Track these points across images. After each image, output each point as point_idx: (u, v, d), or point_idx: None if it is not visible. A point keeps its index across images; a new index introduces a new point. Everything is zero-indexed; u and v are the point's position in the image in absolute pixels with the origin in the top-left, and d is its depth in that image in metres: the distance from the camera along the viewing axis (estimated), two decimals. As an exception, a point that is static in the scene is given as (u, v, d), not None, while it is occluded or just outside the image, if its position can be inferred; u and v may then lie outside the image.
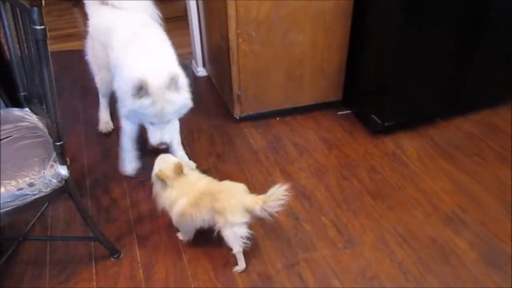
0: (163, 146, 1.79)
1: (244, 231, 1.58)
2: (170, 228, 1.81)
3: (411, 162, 2.13)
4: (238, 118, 2.45)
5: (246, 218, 1.57)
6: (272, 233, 1.78)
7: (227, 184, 1.67)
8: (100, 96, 2.39)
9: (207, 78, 2.92)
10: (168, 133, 1.75)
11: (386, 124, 2.26)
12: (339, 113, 2.51)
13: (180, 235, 1.77)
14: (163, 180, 1.59)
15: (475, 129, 2.35)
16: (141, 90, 1.58)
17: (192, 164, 2.11)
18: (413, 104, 2.28)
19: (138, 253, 1.72)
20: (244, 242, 1.59)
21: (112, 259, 1.70)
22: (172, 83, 1.62)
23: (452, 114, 2.43)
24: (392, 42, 2.07)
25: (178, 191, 1.60)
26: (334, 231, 1.78)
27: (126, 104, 1.68)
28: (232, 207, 1.55)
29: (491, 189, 1.96)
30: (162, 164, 1.63)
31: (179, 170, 1.61)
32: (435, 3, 1.94)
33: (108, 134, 2.39)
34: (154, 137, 1.74)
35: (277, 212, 1.58)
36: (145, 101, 1.60)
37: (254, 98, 2.38)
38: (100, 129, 2.39)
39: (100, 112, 2.43)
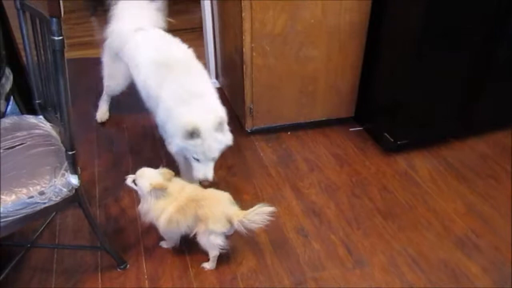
0: (206, 183, 1.83)
1: (219, 241, 1.59)
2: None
3: (423, 182, 2.10)
4: (249, 131, 2.44)
5: (225, 228, 1.57)
6: (280, 250, 1.76)
7: (212, 192, 1.68)
8: (104, 93, 2.51)
9: (220, 90, 2.92)
10: (211, 170, 1.81)
11: (398, 142, 2.24)
12: (351, 129, 2.49)
13: (164, 244, 1.77)
14: (160, 190, 1.58)
15: (489, 150, 2.31)
16: (193, 134, 1.68)
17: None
18: (426, 123, 2.26)
19: (144, 265, 1.71)
20: (221, 248, 1.61)
21: (119, 269, 1.69)
22: (220, 126, 1.74)
23: (465, 134, 2.40)
24: (406, 60, 2.05)
25: (166, 199, 1.60)
26: (343, 250, 1.76)
27: (177, 142, 1.77)
28: (215, 215, 1.56)
29: (505, 213, 1.92)
30: (148, 176, 1.61)
31: (169, 176, 1.62)
32: (450, 23, 1.93)
33: (103, 124, 2.57)
34: (199, 173, 1.80)
35: (256, 229, 1.61)
36: (196, 141, 1.70)
37: (266, 111, 2.37)
38: (96, 118, 2.56)
39: (100, 103, 2.60)
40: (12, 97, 2.00)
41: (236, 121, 2.57)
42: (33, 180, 1.30)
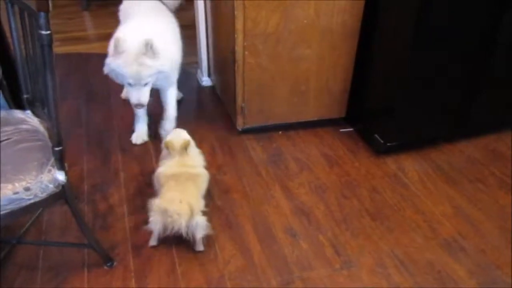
0: (140, 108, 2.01)
1: (157, 223, 1.66)
2: (166, 239, 1.78)
3: (412, 184, 2.11)
4: (240, 130, 2.44)
5: (159, 217, 1.64)
6: (268, 249, 1.76)
7: (191, 185, 1.76)
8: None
9: (212, 88, 2.92)
10: (145, 94, 1.93)
11: (388, 144, 2.24)
12: (341, 130, 2.49)
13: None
14: (169, 148, 1.82)
15: (478, 154, 2.33)
16: (116, 48, 1.82)
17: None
18: (417, 126, 2.27)
19: (131, 263, 1.70)
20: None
21: (105, 267, 1.67)
22: (147, 48, 1.82)
23: (456, 138, 2.41)
24: (398, 62, 2.06)
25: (171, 160, 1.82)
26: (331, 251, 1.76)
27: (107, 62, 1.90)
28: (162, 200, 1.67)
29: (492, 216, 1.94)
30: (175, 136, 1.88)
31: (185, 146, 1.83)
32: (443, 26, 1.94)
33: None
34: (132, 97, 1.93)
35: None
36: (119, 61, 1.83)
37: (257, 111, 2.37)
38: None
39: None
40: (0, 91, 1.98)
41: (227, 119, 2.56)
42: (19, 176, 1.28)
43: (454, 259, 1.73)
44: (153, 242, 1.76)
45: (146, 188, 1.94)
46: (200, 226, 1.67)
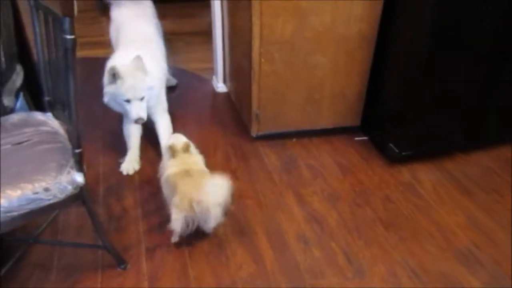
0: (141, 122, 2.08)
1: (180, 219, 1.67)
2: (179, 243, 1.80)
3: (427, 194, 2.10)
4: (254, 136, 2.45)
5: (185, 211, 1.66)
6: (280, 256, 1.76)
7: (202, 178, 1.79)
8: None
9: (227, 94, 2.94)
10: (144, 109, 2.05)
11: (403, 153, 2.23)
12: (356, 138, 2.49)
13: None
14: (171, 151, 1.86)
15: (494, 165, 2.31)
16: (114, 75, 1.96)
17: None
18: (432, 135, 2.25)
19: (144, 265, 1.71)
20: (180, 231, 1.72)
21: (119, 269, 1.69)
22: (138, 63, 1.98)
23: (471, 147, 2.39)
24: (414, 71, 2.06)
25: (174, 162, 1.84)
26: (343, 259, 1.75)
27: (106, 91, 2.05)
28: (182, 195, 1.68)
29: (507, 228, 1.91)
30: (175, 140, 1.93)
31: (186, 147, 1.88)
32: (459, 35, 1.94)
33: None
34: (132, 113, 2.03)
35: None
36: (118, 82, 1.97)
37: (272, 117, 2.38)
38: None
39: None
40: (21, 94, 2.03)
41: (241, 126, 2.58)
42: (39, 177, 1.31)
43: (468, 270, 1.71)
44: (175, 238, 1.79)
45: (160, 192, 1.96)
46: (216, 217, 1.73)
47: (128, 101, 2.02)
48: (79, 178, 1.37)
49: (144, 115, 2.05)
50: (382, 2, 2.09)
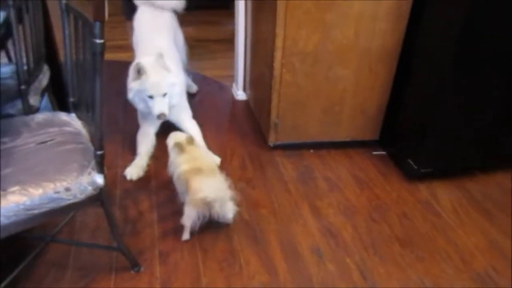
0: (163, 118, 2.15)
1: (192, 215, 1.76)
2: (193, 247, 1.81)
3: (445, 213, 2.06)
4: (272, 145, 2.45)
5: (199, 207, 1.74)
6: (294, 268, 1.75)
7: (215, 173, 1.88)
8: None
9: (246, 102, 2.96)
10: (166, 105, 2.13)
11: (422, 170, 2.20)
12: (374, 153, 2.47)
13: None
14: (179, 147, 1.91)
15: (515, 186, 2.26)
16: (140, 70, 2.06)
17: (217, 159, 2.30)
18: (452, 153, 2.22)
19: (158, 270, 1.72)
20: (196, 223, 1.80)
21: (132, 272, 1.70)
22: (161, 60, 2.08)
23: (492, 168, 2.35)
24: (436, 88, 2.03)
25: (183, 157, 1.89)
26: (358, 275, 1.73)
27: (131, 86, 2.14)
28: (196, 190, 1.73)
29: (528, 253, 1.87)
30: (176, 137, 2.00)
31: (190, 140, 1.96)
32: (484, 52, 1.91)
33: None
34: (154, 109, 2.11)
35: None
36: (143, 77, 2.07)
37: (290, 128, 2.38)
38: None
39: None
40: (46, 93, 2.07)
41: (259, 134, 2.58)
42: (61, 176, 1.33)
43: (486, 294, 1.67)
44: (186, 236, 1.84)
45: (176, 197, 1.97)
46: (231, 210, 1.87)
47: (151, 97, 2.11)
48: (100, 179, 1.38)
49: (166, 111, 2.12)
50: (407, 17, 2.08)
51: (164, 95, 2.12)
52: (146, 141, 2.33)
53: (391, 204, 2.10)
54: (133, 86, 2.14)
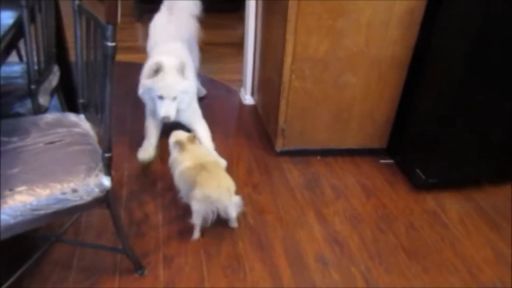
0: (167, 120, 2.15)
1: (201, 211, 1.79)
2: (197, 252, 1.80)
3: (452, 225, 2.04)
4: (278, 151, 2.44)
5: (205, 203, 1.77)
6: (298, 275, 1.73)
7: (220, 171, 1.90)
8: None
9: (254, 107, 2.95)
10: (173, 108, 2.11)
11: (430, 180, 2.18)
12: (381, 161, 2.45)
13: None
14: (180, 145, 1.92)
15: (525, 199, 2.23)
16: (157, 70, 2.05)
17: (223, 162, 2.24)
18: (461, 164, 2.20)
19: (161, 273, 1.71)
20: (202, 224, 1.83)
21: (136, 274, 1.69)
22: (182, 68, 2.08)
23: (501, 180, 2.32)
24: (446, 98, 2.02)
25: (185, 155, 1.91)
26: (363, 284, 1.71)
27: (143, 82, 2.13)
28: (204, 186, 1.77)
29: (536, 267, 1.84)
30: (177, 135, 2.03)
31: (192, 139, 1.98)
32: (494, 64, 1.89)
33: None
34: (161, 110, 2.11)
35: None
36: (159, 76, 2.05)
37: (298, 134, 2.37)
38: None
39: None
40: (55, 94, 2.08)
41: (266, 139, 2.58)
42: (68, 177, 1.33)
43: (493, 309, 1.65)
44: (196, 234, 1.86)
45: (181, 200, 1.97)
46: (236, 205, 1.86)
47: (161, 97, 2.10)
48: (107, 181, 1.38)
49: (172, 114, 2.12)
50: (418, 25, 2.07)
51: (174, 98, 2.11)
52: (153, 127, 2.35)
53: (397, 214, 2.08)
54: (145, 83, 2.13)
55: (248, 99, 2.99)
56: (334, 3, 1.96)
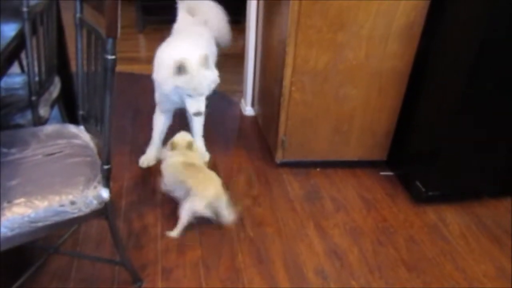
0: (198, 116, 2.15)
1: (191, 214, 1.89)
2: (196, 264, 1.79)
3: (453, 239, 2.03)
4: (278, 163, 2.44)
5: (197, 207, 1.87)
6: (297, 289, 1.72)
7: (211, 175, 2.00)
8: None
9: (254, 118, 2.95)
10: (203, 104, 2.09)
11: (430, 193, 2.18)
12: (381, 173, 2.45)
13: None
14: (172, 146, 2.05)
15: (526, 214, 2.22)
16: (180, 69, 1.97)
17: (206, 156, 2.42)
18: (461, 177, 2.19)
19: (159, 285, 1.70)
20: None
21: (134, 286, 1.68)
22: (206, 61, 2.01)
23: (502, 194, 2.31)
24: (447, 110, 2.02)
25: (175, 153, 2.05)
26: (362, 299, 1.70)
27: (170, 82, 2.03)
28: (198, 190, 1.88)
29: (538, 282, 1.82)
30: (179, 137, 2.11)
31: (189, 145, 2.08)
32: (498, 76, 1.89)
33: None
34: (192, 108, 2.08)
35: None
36: (185, 77, 1.98)
37: (298, 145, 2.37)
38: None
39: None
40: (56, 105, 2.08)
41: (266, 151, 2.57)
42: (67, 189, 1.32)
43: (494, 325, 1.63)
44: (176, 232, 1.93)
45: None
46: (227, 203, 1.95)
47: (189, 95, 2.06)
48: (105, 194, 1.38)
49: (203, 110, 2.11)
50: (418, 39, 2.08)
51: (202, 94, 2.08)
52: (160, 124, 2.38)
53: (398, 227, 2.07)
54: (174, 82, 2.00)
55: (248, 110, 2.99)
56: (334, 16, 1.98)
